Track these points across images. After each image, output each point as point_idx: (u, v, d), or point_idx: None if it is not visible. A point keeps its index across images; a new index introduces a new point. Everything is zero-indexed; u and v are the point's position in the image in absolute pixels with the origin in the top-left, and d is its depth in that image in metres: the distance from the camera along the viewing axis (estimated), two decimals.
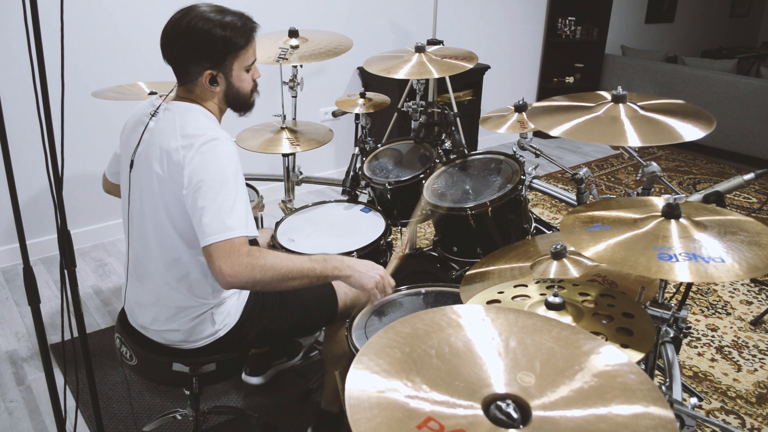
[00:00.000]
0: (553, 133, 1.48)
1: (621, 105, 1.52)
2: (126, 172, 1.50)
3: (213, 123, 1.48)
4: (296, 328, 1.70)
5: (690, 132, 1.39)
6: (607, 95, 1.58)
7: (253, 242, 1.93)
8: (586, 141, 1.46)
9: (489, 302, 1.28)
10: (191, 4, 1.45)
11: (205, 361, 1.54)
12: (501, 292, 1.31)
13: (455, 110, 3.73)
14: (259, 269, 1.34)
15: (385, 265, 1.92)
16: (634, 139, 1.40)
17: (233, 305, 1.57)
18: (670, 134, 1.40)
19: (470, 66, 2.18)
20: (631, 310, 1.20)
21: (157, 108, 1.47)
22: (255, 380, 2.20)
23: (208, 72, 1.44)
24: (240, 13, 1.47)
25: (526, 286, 1.32)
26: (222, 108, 1.55)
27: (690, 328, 1.35)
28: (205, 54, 1.43)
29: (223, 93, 1.50)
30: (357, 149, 2.37)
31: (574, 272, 1.45)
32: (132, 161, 1.48)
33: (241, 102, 1.55)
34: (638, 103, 1.54)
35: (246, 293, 1.60)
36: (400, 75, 2.18)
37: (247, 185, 2.19)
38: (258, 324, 1.60)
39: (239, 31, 1.44)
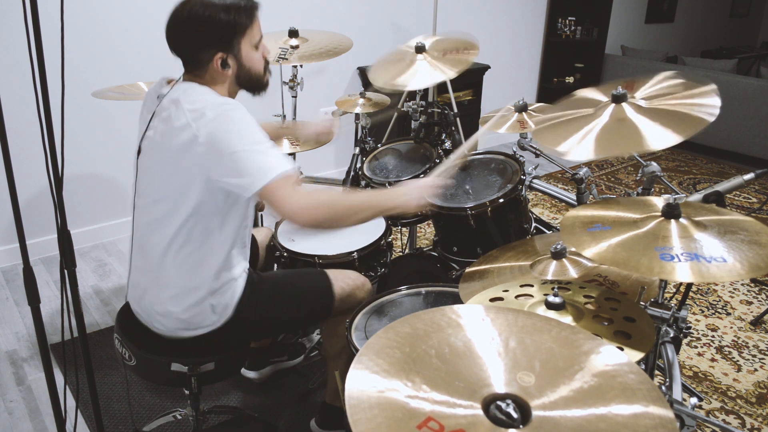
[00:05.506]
0: (568, 157, 1.37)
1: (624, 105, 1.45)
2: (134, 157, 1.52)
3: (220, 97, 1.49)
4: (293, 319, 1.69)
5: (704, 111, 1.31)
6: (603, 97, 1.51)
7: (253, 242, 1.95)
8: (606, 155, 1.32)
9: (492, 299, 1.28)
10: None
11: (203, 361, 1.54)
12: (506, 291, 1.30)
13: (455, 110, 3.72)
14: (326, 196, 1.37)
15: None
16: (656, 141, 1.30)
17: (230, 294, 1.56)
18: (690, 121, 1.31)
19: (475, 54, 2.14)
20: (633, 315, 1.20)
21: (166, 95, 1.48)
22: (251, 374, 2.19)
23: (219, 56, 1.45)
24: None
25: (532, 285, 1.32)
26: (232, 91, 1.55)
27: (690, 328, 1.34)
28: (212, 39, 1.43)
29: (235, 75, 1.51)
30: (357, 149, 2.37)
31: (574, 272, 1.45)
32: (140, 148, 1.50)
33: (254, 81, 1.55)
34: (638, 96, 1.48)
35: (241, 283, 1.57)
36: (412, 86, 2.07)
37: None
38: (255, 313, 1.60)
39: (242, 11, 1.44)
